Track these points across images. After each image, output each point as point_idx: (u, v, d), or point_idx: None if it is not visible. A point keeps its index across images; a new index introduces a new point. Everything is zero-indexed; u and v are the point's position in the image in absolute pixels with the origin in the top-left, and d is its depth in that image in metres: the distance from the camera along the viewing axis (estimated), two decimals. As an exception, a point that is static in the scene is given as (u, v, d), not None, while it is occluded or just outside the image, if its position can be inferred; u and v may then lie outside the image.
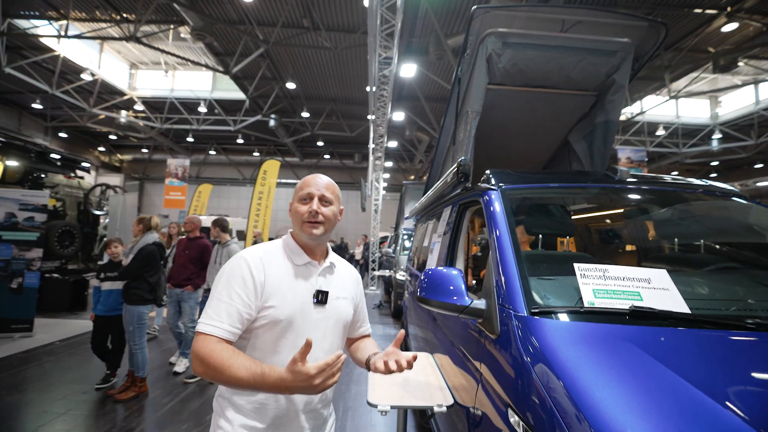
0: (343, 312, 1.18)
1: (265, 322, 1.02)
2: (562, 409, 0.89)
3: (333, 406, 1.28)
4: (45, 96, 15.54)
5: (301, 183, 1.17)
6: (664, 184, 1.96)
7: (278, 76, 14.53)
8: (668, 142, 17.03)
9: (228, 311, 0.98)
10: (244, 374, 0.90)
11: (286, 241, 1.16)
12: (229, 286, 1.01)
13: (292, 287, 1.07)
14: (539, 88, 2.92)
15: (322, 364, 0.88)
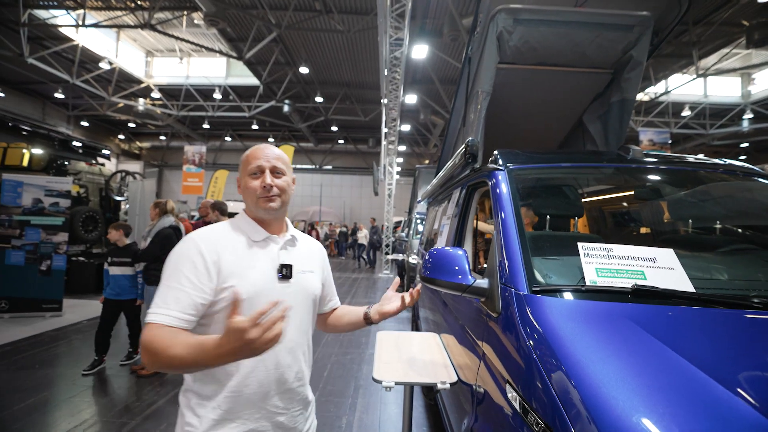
0: (311, 286, 1.13)
1: (225, 303, 0.94)
2: (557, 384, 0.90)
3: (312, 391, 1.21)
4: (66, 85, 15.93)
5: (247, 156, 1.07)
6: (681, 164, 1.89)
7: (291, 60, 14.48)
8: (694, 123, 16.34)
9: (176, 297, 0.90)
10: (182, 351, 0.80)
11: (240, 219, 1.08)
12: (177, 271, 0.92)
13: (251, 264, 1.00)
14: (552, 66, 2.84)
15: (255, 314, 0.75)
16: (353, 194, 27.78)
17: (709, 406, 0.76)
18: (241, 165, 1.09)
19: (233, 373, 0.95)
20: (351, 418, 2.86)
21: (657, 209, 1.92)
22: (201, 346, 0.80)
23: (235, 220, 1.08)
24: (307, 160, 27.11)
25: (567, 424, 0.82)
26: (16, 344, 4.20)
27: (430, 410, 3.01)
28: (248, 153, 1.08)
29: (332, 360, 4.04)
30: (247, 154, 1.08)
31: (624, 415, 0.76)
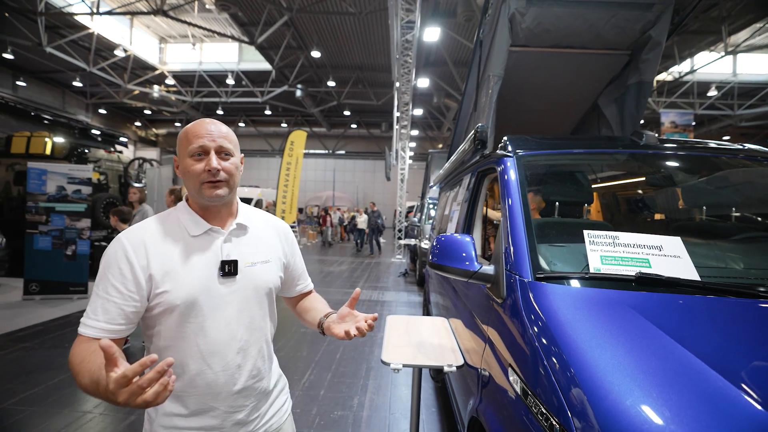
0: (263, 279, 1.00)
1: (161, 309, 0.87)
2: (556, 369, 0.92)
3: (283, 373, 1.17)
4: (84, 74, 16.19)
5: (186, 133, 0.91)
6: (697, 149, 1.84)
7: (303, 44, 14.37)
8: (721, 103, 15.67)
9: (104, 307, 0.84)
10: (86, 382, 0.76)
11: (181, 209, 0.96)
12: (105, 279, 0.85)
13: (186, 264, 0.89)
14: (566, 48, 2.77)
15: (119, 376, 0.64)
16: (366, 179, 27.78)
17: (705, 394, 0.77)
18: (179, 143, 0.93)
19: (179, 375, 0.90)
20: (362, 399, 2.95)
21: (669, 196, 1.89)
22: (96, 382, 0.73)
23: (174, 211, 0.96)
24: (320, 145, 27.14)
25: (564, 407, 0.85)
26: (47, 324, 4.44)
27: (438, 392, 3.09)
28: (188, 129, 0.92)
29: (344, 343, 4.14)
30: (186, 130, 0.92)
31: (620, 400, 0.79)
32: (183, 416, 0.92)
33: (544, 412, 0.91)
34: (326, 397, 2.95)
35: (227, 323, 0.93)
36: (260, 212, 1.10)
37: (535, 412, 0.95)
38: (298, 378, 3.24)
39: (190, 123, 0.94)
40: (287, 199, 11.99)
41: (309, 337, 4.25)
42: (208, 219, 0.95)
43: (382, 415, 2.73)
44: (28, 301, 5.32)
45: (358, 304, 5.85)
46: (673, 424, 0.72)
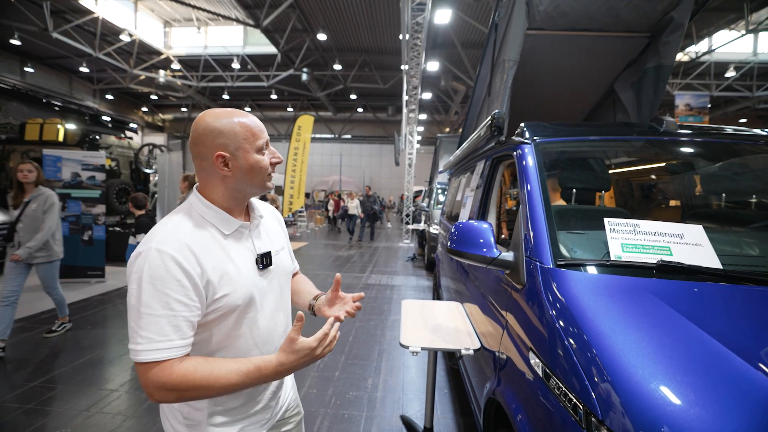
0: (286, 264, 1.09)
1: (219, 314, 0.87)
2: (579, 352, 0.96)
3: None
4: (90, 59, 16.16)
5: (248, 128, 0.90)
6: (718, 136, 1.82)
7: (308, 27, 14.15)
8: (738, 84, 15.23)
9: (173, 324, 0.80)
10: (237, 379, 0.82)
11: (203, 208, 0.91)
12: (161, 294, 0.79)
13: (234, 264, 0.90)
14: (584, 31, 2.71)
15: (320, 335, 0.86)
16: (372, 163, 27.69)
17: (728, 377, 0.80)
18: (238, 136, 0.88)
19: None
20: (376, 380, 3.04)
21: (691, 184, 1.88)
22: (259, 371, 0.84)
23: (196, 210, 0.91)
24: (326, 130, 27.00)
25: (588, 389, 0.88)
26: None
27: (451, 373, 3.16)
28: (249, 124, 0.90)
29: (356, 326, 4.23)
30: (247, 124, 0.90)
31: (644, 382, 0.82)
32: (237, 408, 0.96)
33: (567, 393, 0.95)
34: (341, 378, 3.04)
35: (272, 311, 0.99)
36: (259, 201, 1.09)
37: (558, 394, 0.99)
38: (314, 360, 3.33)
39: (227, 115, 0.89)
40: (295, 184, 12.03)
41: (320, 321, 4.32)
42: (233, 215, 0.94)
43: (396, 395, 2.82)
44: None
45: (369, 287, 5.94)
46: (696, 406, 0.76)
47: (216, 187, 0.91)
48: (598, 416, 0.84)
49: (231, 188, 0.92)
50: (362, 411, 2.59)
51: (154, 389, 0.79)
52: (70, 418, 2.42)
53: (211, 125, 0.88)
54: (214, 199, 0.92)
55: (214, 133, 0.88)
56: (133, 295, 0.80)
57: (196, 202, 0.92)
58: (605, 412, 0.83)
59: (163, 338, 0.79)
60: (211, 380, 0.81)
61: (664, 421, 0.75)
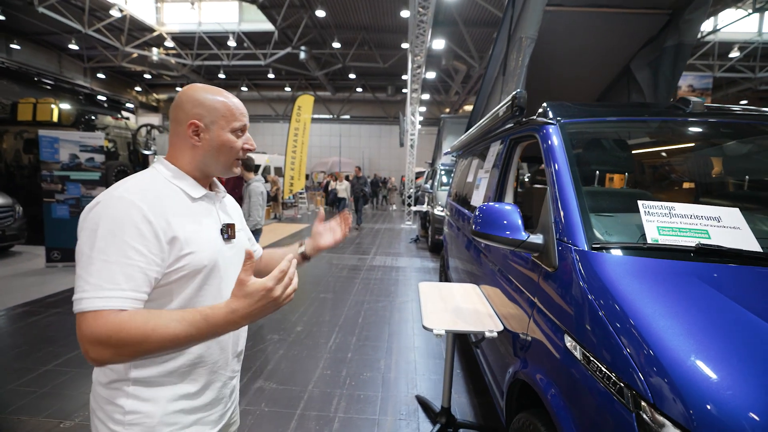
0: (246, 244, 1.04)
1: (183, 273, 0.81)
2: (625, 336, 0.95)
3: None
4: (79, 35, 15.67)
5: (228, 107, 0.90)
6: (750, 117, 1.78)
7: (307, 3, 13.73)
8: (741, 65, 15.04)
9: (126, 273, 0.73)
10: (180, 328, 0.71)
11: (170, 171, 0.89)
12: (119, 241, 0.73)
13: (201, 226, 0.88)
14: (604, 8, 2.64)
15: (277, 273, 0.74)
16: (371, 144, 27.43)
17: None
18: (218, 111, 0.89)
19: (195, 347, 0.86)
20: (388, 361, 3.08)
21: (725, 166, 1.86)
22: (206, 318, 0.73)
23: (163, 172, 0.88)
24: (325, 110, 26.61)
25: (637, 373, 0.88)
26: (68, 291, 4.57)
27: (463, 354, 3.21)
28: (230, 102, 0.91)
29: (365, 307, 4.26)
30: (229, 104, 0.91)
31: (695, 364, 0.82)
32: (193, 395, 0.87)
33: (611, 377, 0.95)
34: (354, 359, 3.08)
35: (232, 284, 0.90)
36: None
37: (600, 377, 0.99)
38: (325, 342, 3.37)
39: (214, 92, 0.90)
40: (296, 165, 11.92)
41: (329, 303, 4.37)
42: (202, 185, 0.94)
43: (409, 376, 2.86)
44: (51, 268, 5.45)
45: (375, 269, 5.96)
46: (754, 390, 0.75)
47: (184, 154, 0.91)
48: (649, 400, 0.84)
49: (198, 160, 0.91)
50: (377, 391, 2.63)
51: (88, 343, 0.69)
52: (86, 401, 2.44)
53: (195, 95, 0.89)
54: (181, 166, 0.90)
55: (194, 102, 0.88)
56: (85, 243, 0.74)
57: (162, 168, 0.89)
58: (657, 396, 0.83)
59: (112, 286, 0.72)
60: (147, 329, 0.70)
61: (719, 405, 0.75)
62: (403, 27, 14.72)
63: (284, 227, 10.25)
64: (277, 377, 2.77)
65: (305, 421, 2.30)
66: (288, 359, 3.04)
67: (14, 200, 6.11)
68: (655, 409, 0.82)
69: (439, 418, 2.21)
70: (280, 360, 3.02)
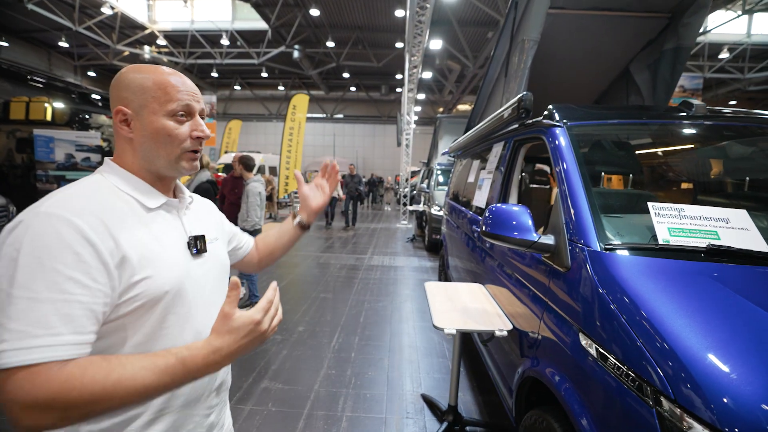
0: (223, 254, 0.90)
1: (138, 303, 0.65)
2: (642, 334, 0.98)
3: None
4: (69, 33, 15.42)
5: (158, 83, 0.72)
6: (753, 120, 1.82)
7: (301, 2, 13.67)
8: (731, 66, 15.31)
9: (63, 313, 0.56)
10: (151, 379, 0.59)
11: (119, 176, 0.73)
12: (48, 270, 0.56)
13: (159, 242, 0.71)
14: (605, 11, 2.68)
15: (264, 304, 0.67)
16: (365, 143, 27.40)
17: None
18: (147, 91, 0.72)
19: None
20: (392, 360, 3.10)
21: (728, 168, 1.91)
22: (182, 363, 0.61)
23: (109, 177, 0.72)
24: (319, 109, 26.50)
25: (656, 369, 0.91)
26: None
27: (466, 353, 3.24)
28: (163, 78, 0.73)
29: (366, 307, 4.28)
30: (162, 80, 0.72)
31: (714, 360, 0.85)
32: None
33: (629, 374, 0.98)
34: (357, 359, 3.10)
35: (206, 308, 0.78)
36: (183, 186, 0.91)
37: (618, 373, 1.02)
38: (327, 342, 3.38)
39: (148, 70, 0.73)
40: (291, 165, 11.89)
41: (329, 303, 4.38)
42: (159, 190, 0.77)
43: (413, 374, 2.88)
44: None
45: (373, 268, 5.98)
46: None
47: (124, 150, 0.75)
48: (669, 395, 0.87)
49: (139, 157, 0.74)
50: (383, 390, 2.65)
51: (21, 409, 0.52)
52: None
53: (122, 76, 0.73)
54: (127, 166, 0.74)
55: (121, 86, 0.73)
56: (2, 277, 0.56)
57: (109, 172, 0.73)
58: (677, 391, 0.86)
59: (44, 331, 0.55)
60: (107, 384, 0.56)
61: (740, 398, 0.78)
62: (397, 26, 14.73)
63: (280, 227, 10.21)
64: (283, 377, 2.78)
65: (313, 420, 2.31)
66: (292, 359, 3.05)
67: (8, 200, 6.01)
68: (675, 404, 0.85)
69: (446, 416, 2.24)
70: (285, 360, 3.03)
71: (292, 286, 5.06)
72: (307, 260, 6.51)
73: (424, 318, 4.03)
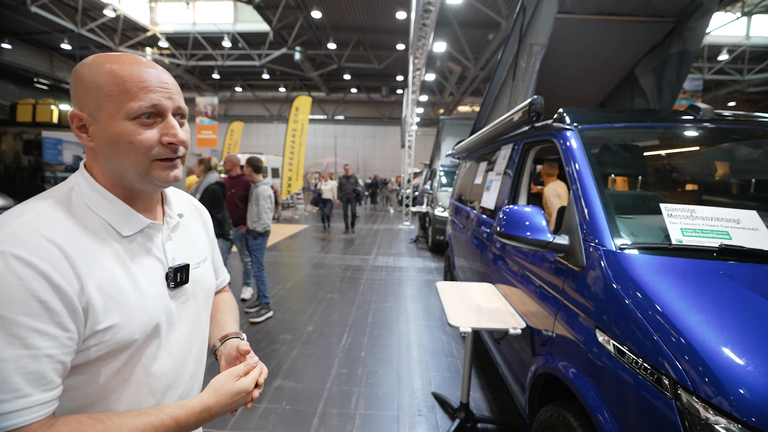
0: (208, 281, 0.81)
1: (102, 352, 0.58)
2: (660, 329, 1.03)
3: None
4: (72, 35, 15.49)
5: (122, 78, 0.59)
6: (758, 123, 1.87)
7: (302, 4, 13.74)
8: (730, 68, 15.39)
9: (30, 370, 0.51)
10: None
11: (89, 193, 0.62)
12: (10, 324, 0.49)
13: (133, 280, 0.62)
14: (611, 15, 2.73)
15: (250, 370, 0.73)
16: (366, 145, 27.47)
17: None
18: (101, 90, 0.59)
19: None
20: (401, 358, 3.14)
21: (736, 169, 1.95)
22: (176, 421, 0.60)
23: (80, 195, 0.62)
24: (320, 111, 26.57)
25: (674, 362, 0.96)
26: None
27: (476, 352, 3.28)
28: (121, 71, 0.59)
29: (373, 307, 4.32)
30: (120, 74, 0.59)
31: (729, 353, 0.89)
32: None
33: (646, 366, 1.03)
34: (367, 358, 3.14)
35: (181, 346, 0.71)
36: (178, 192, 0.83)
37: (636, 367, 1.07)
38: (337, 341, 3.42)
39: (107, 60, 0.60)
40: (293, 166, 11.95)
41: (336, 303, 4.42)
42: (137, 208, 0.66)
43: (423, 373, 2.93)
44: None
45: (378, 269, 6.02)
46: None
47: (92, 162, 0.64)
48: (688, 387, 0.91)
49: (105, 168, 0.63)
50: (394, 389, 2.70)
51: None
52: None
53: (76, 72, 0.61)
54: (97, 178, 0.64)
55: (77, 84, 0.61)
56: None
57: (81, 183, 0.63)
58: (695, 383, 0.90)
59: (10, 394, 0.49)
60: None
61: (754, 391, 0.83)
62: (398, 28, 14.80)
63: (283, 228, 10.25)
64: (295, 376, 2.82)
65: (327, 418, 2.35)
66: (303, 358, 3.09)
67: (15, 202, 6.05)
68: (694, 396, 0.90)
69: (458, 413, 2.28)
70: (296, 359, 3.07)
71: (299, 286, 5.10)
72: (312, 261, 6.56)
73: (431, 318, 4.07)
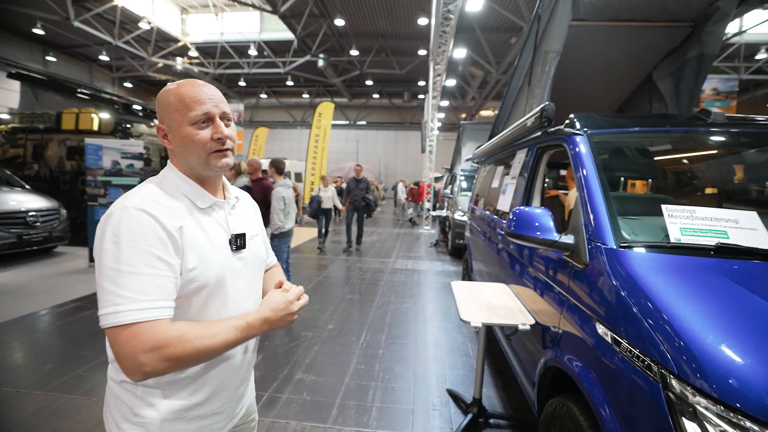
0: (260, 252, 1.03)
1: (188, 290, 0.81)
2: (652, 319, 1.10)
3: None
4: (109, 47, 16.44)
5: (181, 98, 0.84)
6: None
7: (326, 12, 14.11)
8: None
9: (157, 283, 0.74)
10: (234, 336, 0.80)
11: (176, 179, 0.87)
12: (143, 251, 0.73)
13: (209, 239, 0.86)
14: (626, 22, 2.76)
15: (298, 292, 0.96)
16: (388, 150, 27.67)
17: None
18: (168, 109, 0.85)
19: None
20: (417, 356, 3.24)
21: (745, 173, 1.98)
22: (249, 326, 0.83)
23: (170, 180, 0.87)
24: (342, 116, 27.00)
25: (664, 351, 1.03)
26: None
27: (489, 351, 3.34)
28: (181, 93, 0.84)
29: (391, 308, 4.44)
30: (180, 94, 0.84)
31: (714, 342, 0.96)
32: (197, 405, 0.86)
33: (640, 356, 1.10)
34: (385, 355, 3.25)
35: (241, 297, 0.93)
36: (233, 187, 1.05)
37: (630, 356, 1.14)
38: (356, 339, 3.55)
39: (175, 86, 0.86)
40: (316, 170, 12.23)
41: (356, 303, 4.56)
42: (207, 190, 0.91)
43: (438, 370, 3.01)
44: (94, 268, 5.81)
45: (397, 272, 6.13)
46: (762, 363, 0.90)
47: (173, 159, 0.90)
48: (675, 373, 0.99)
49: (183, 163, 0.89)
50: (409, 384, 2.80)
51: (144, 355, 0.69)
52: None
53: (158, 97, 0.88)
54: (180, 170, 0.89)
55: (158, 106, 0.88)
56: (108, 256, 0.73)
57: (170, 174, 0.89)
58: (680, 368, 0.97)
59: (147, 297, 0.72)
60: (209, 336, 0.76)
61: (733, 374, 0.90)
62: (419, 34, 14.96)
63: (304, 231, 10.52)
64: (315, 370, 2.96)
65: (345, 409, 2.48)
66: (323, 354, 3.24)
67: (59, 204, 6.53)
68: (679, 379, 0.97)
69: (471, 408, 2.36)
70: (316, 355, 3.22)
71: (320, 287, 5.27)
72: (333, 263, 6.73)
73: (448, 319, 4.14)
